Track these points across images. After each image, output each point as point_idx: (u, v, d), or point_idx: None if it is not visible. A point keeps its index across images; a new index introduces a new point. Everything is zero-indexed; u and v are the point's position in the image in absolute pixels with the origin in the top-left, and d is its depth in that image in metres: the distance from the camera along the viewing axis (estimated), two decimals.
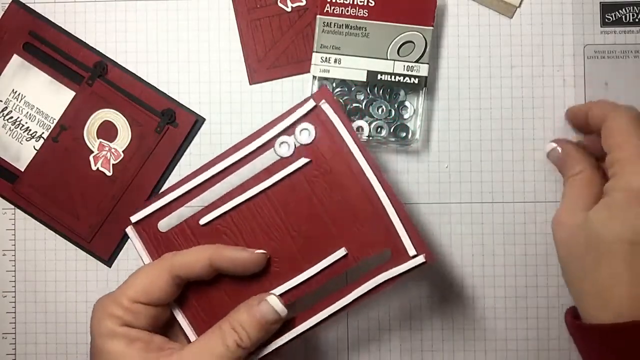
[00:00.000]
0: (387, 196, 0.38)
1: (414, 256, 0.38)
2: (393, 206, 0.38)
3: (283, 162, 0.39)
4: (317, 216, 0.39)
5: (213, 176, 0.39)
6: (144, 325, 0.37)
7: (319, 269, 0.38)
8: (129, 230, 0.40)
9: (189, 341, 0.39)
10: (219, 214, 0.39)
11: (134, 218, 0.40)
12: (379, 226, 0.38)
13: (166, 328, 0.39)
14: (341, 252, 0.38)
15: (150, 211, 0.40)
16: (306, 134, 0.39)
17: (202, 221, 0.39)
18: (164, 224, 0.40)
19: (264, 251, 0.38)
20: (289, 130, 0.39)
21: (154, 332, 0.37)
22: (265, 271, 0.39)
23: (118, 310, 0.36)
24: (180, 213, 0.40)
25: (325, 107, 0.38)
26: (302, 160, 0.39)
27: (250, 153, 0.39)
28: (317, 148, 0.39)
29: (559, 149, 0.42)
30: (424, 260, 0.37)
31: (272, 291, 0.38)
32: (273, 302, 0.37)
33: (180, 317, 0.39)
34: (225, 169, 0.39)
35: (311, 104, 0.39)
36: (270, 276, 0.39)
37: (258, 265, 0.38)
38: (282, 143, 0.39)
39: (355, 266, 0.39)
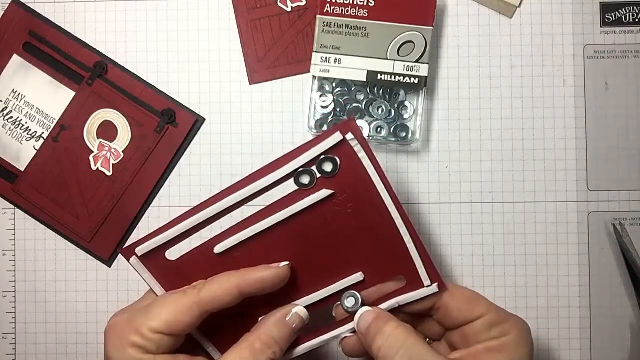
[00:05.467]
0: (407, 228, 0.38)
1: (428, 286, 0.38)
2: (411, 237, 0.38)
3: (303, 192, 0.37)
4: (336, 242, 0.38)
5: (228, 208, 0.37)
6: (166, 350, 0.36)
7: (335, 290, 0.38)
8: (134, 261, 0.38)
9: (209, 355, 0.39)
10: (234, 243, 0.38)
11: (139, 251, 0.37)
12: (396, 255, 0.38)
13: (186, 345, 0.38)
14: (358, 277, 0.38)
15: (159, 243, 0.38)
16: (329, 166, 0.37)
17: (217, 250, 0.38)
18: (172, 252, 0.38)
19: (287, 262, 0.38)
20: (310, 162, 0.37)
21: (175, 352, 0.37)
22: (283, 289, 0.38)
23: (140, 340, 0.35)
24: (190, 240, 0.38)
25: (353, 142, 0.37)
26: (325, 192, 0.37)
27: (268, 185, 0.37)
28: (340, 179, 0.37)
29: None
30: (437, 289, 0.38)
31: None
32: (302, 312, 0.37)
33: (200, 338, 0.39)
34: (240, 201, 0.37)
35: (338, 137, 0.37)
36: (287, 291, 0.38)
37: (285, 279, 0.37)
38: (303, 173, 0.37)
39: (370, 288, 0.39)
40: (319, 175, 0.37)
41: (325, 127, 0.46)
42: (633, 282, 0.46)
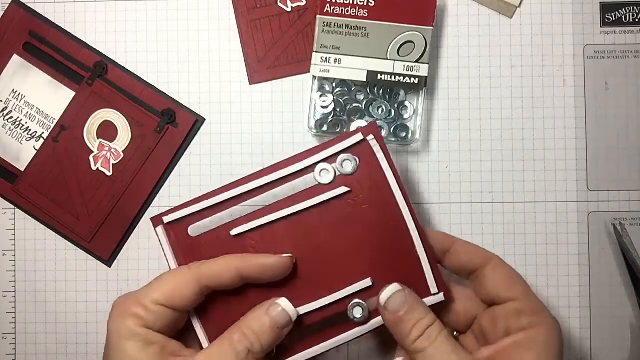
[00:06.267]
0: (419, 235, 0.38)
1: (435, 294, 0.38)
2: (423, 245, 0.38)
3: (322, 187, 0.39)
4: (347, 243, 0.39)
5: (250, 191, 0.39)
6: (163, 328, 0.37)
7: (343, 295, 0.39)
8: (159, 231, 0.40)
9: (202, 348, 0.39)
10: (252, 227, 0.39)
11: (167, 219, 0.39)
12: (406, 260, 0.38)
13: (184, 333, 0.39)
14: (367, 282, 0.39)
15: (184, 214, 0.39)
16: (349, 165, 0.39)
17: (234, 232, 0.39)
18: (194, 229, 0.40)
19: (290, 254, 0.38)
20: (331, 158, 0.39)
21: (171, 337, 0.37)
22: (289, 288, 0.38)
23: (140, 311, 0.36)
24: (210, 220, 0.40)
25: (373, 142, 0.39)
26: (342, 189, 0.39)
27: (289, 175, 0.39)
28: (358, 180, 0.39)
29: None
30: (444, 298, 0.38)
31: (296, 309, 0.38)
32: (284, 304, 0.37)
33: (197, 324, 0.39)
34: (263, 186, 0.39)
35: (359, 137, 0.39)
36: (294, 294, 0.38)
37: (286, 269, 0.38)
38: (322, 170, 0.39)
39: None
40: (338, 174, 0.39)
41: (325, 127, 0.46)
42: (633, 282, 0.46)
